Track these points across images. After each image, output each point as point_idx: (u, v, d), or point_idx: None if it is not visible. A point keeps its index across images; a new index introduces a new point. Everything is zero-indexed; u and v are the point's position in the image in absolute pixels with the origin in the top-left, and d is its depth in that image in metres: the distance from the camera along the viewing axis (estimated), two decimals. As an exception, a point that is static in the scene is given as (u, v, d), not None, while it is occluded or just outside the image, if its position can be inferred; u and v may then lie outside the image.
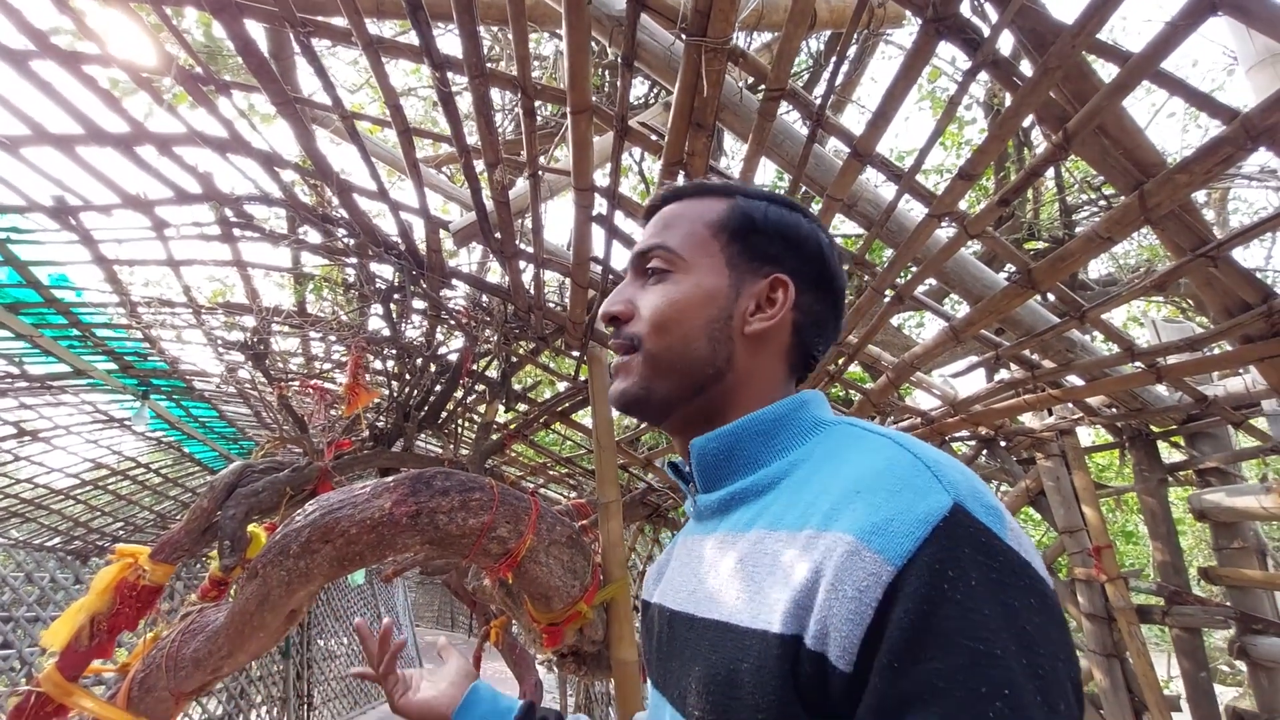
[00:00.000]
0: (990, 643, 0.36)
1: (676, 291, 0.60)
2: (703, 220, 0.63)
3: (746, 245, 0.62)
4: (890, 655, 0.38)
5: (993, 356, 1.89)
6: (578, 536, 2.17)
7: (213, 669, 2.06)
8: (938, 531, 0.40)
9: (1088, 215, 3.59)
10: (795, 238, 0.62)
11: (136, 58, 1.63)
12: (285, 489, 2.27)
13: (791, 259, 0.62)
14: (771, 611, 0.44)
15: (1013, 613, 0.38)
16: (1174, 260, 1.30)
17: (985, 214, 1.38)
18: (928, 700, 0.36)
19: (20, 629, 5.19)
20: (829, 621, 0.41)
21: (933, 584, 0.38)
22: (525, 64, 1.42)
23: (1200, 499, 2.23)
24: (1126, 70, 1.00)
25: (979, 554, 0.39)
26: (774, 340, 0.61)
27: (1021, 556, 0.41)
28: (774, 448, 0.57)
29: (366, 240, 2.20)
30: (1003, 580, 0.39)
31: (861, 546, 0.41)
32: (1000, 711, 0.34)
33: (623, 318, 0.63)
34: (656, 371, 0.60)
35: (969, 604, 0.37)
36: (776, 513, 0.51)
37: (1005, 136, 1.22)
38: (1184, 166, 1.10)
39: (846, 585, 0.40)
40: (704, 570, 0.56)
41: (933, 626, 0.37)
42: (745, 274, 0.61)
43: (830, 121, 1.36)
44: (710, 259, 0.61)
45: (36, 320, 2.62)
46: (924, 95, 4.09)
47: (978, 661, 0.36)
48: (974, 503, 0.42)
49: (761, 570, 0.48)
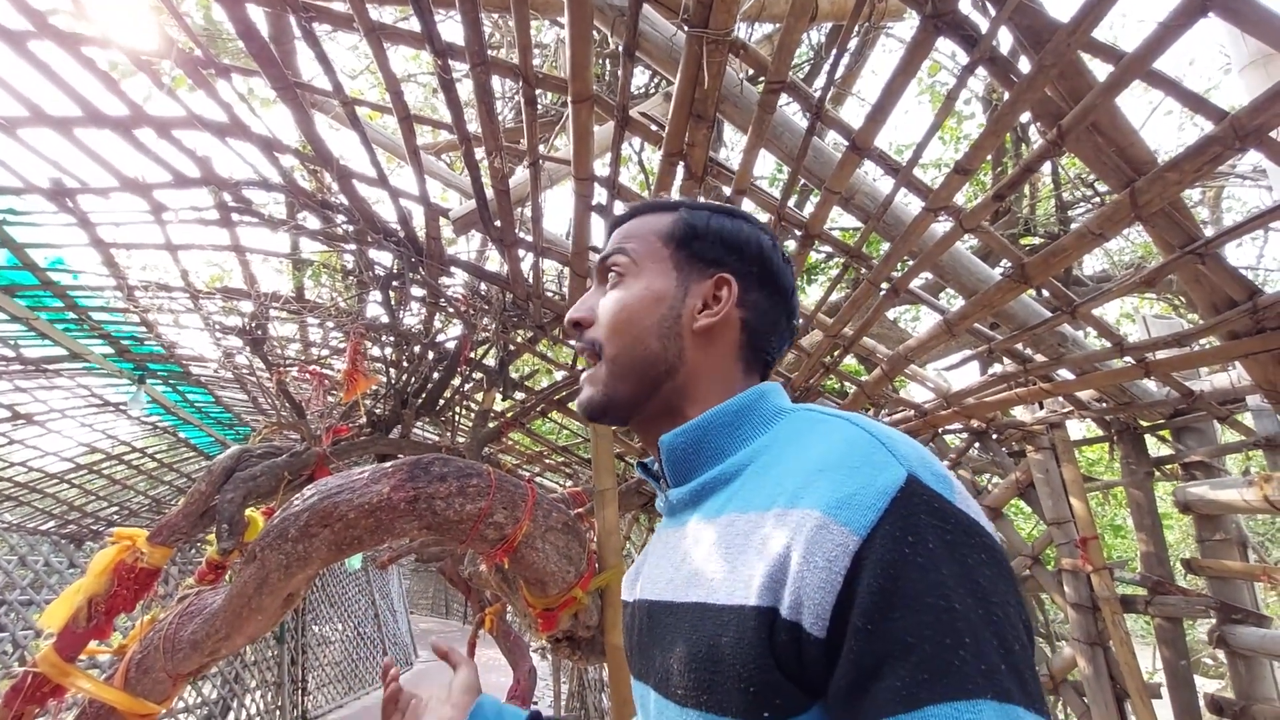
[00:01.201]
0: (949, 598, 0.40)
1: (628, 295, 0.65)
2: (653, 230, 0.68)
3: (691, 250, 0.67)
4: (862, 618, 0.41)
5: (985, 350, 1.91)
6: (574, 523, 2.20)
7: (210, 651, 2.07)
8: (896, 502, 0.43)
9: (1083, 212, 3.61)
10: (736, 241, 0.67)
11: (136, 40, 1.63)
12: (283, 474, 2.28)
13: (734, 260, 0.66)
14: (747, 587, 0.47)
15: (967, 569, 0.41)
16: (1164, 257, 1.32)
17: (980, 208, 1.40)
18: (899, 655, 0.39)
19: (14, 613, 5.20)
20: (802, 591, 0.44)
21: (895, 550, 0.42)
22: (527, 52, 1.42)
23: (1185, 492, 2.28)
24: (1120, 69, 1.02)
25: (934, 519, 0.43)
26: (723, 336, 0.65)
27: (970, 517, 0.45)
28: (739, 437, 0.60)
29: (366, 227, 2.20)
30: (956, 540, 0.42)
31: (829, 520, 0.44)
32: (964, 658, 0.38)
33: (584, 323, 0.68)
34: (616, 374, 0.64)
35: (929, 565, 0.41)
36: (745, 496, 0.54)
37: (1001, 132, 1.23)
38: (1174, 165, 1.12)
39: (817, 556, 0.43)
40: (679, 558, 0.58)
41: (899, 589, 0.41)
42: (691, 276, 0.66)
43: (829, 114, 1.37)
44: (659, 264, 0.66)
45: (32, 303, 2.61)
46: (923, 90, 4.09)
47: (939, 616, 0.39)
48: (925, 472, 0.46)
49: (735, 550, 0.51)
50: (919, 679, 0.38)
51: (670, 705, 0.52)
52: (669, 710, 0.52)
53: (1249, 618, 2.17)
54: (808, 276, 4.37)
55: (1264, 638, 2.12)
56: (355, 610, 9.32)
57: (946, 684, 0.38)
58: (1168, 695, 2.38)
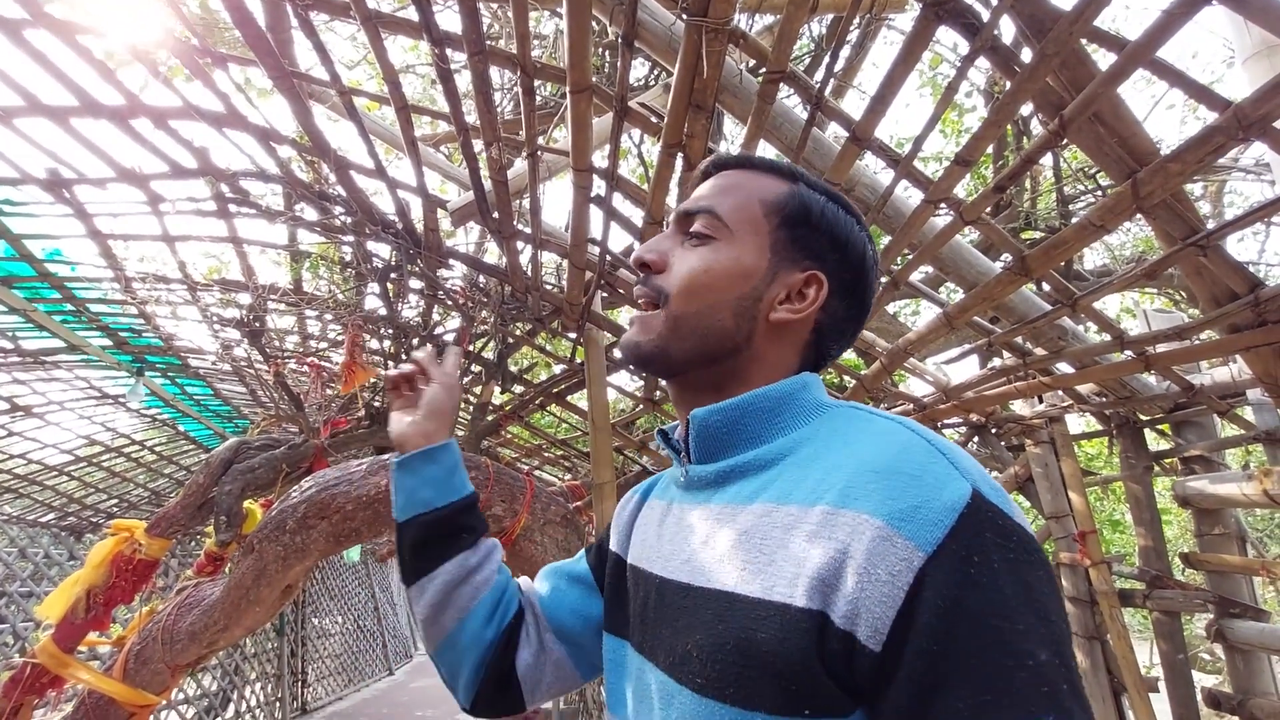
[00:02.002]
0: (1012, 619, 0.40)
1: (715, 260, 0.60)
2: (759, 196, 0.62)
3: (795, 235, 0.61)
4: (925, 639, 0.41)
5: (985, 343, 1.91)
6: (572, 517, 2.20)
7: (208, 642, 2.08)
8: (963, 518, 0.43)
9: (1085, 205, 3.60)
10: (844, 240, 0.62)
11: (131, 29, 1.62)
12: (281, 466, 2.28)
13: (834, 260, 0.62)
14: (791, 586, 0.46)
15: (1028, 588, 0.41)
16: (1166, 250, 1.32)
17: (981, 200, 1.39)
18: (961, 675, 0.39)
19: (14, 604, 5.21)
20: (860, 603, 0.43)
21: (962, 570, 0.41)
22: (525, 42, 1.41)
23: (1184, 486, 2.27)
24: (1123, 58, 1.01)
25: (998, 537, 0.43)
26: (794, 333, 0.62)
27: (1027, 532, 0.45)
28: (777, 425, 0.58)
29: (364, 218, 2.19)
30: (1018, 559, 0.42)
31: (893, 533, 0.43)
32: (1025, 679, 0.38)
33: (655, 267, 0.63)
34: (676, 333, 0.61)
35: (992, 586, 0.41)
36: (783, 488, 0.52)
37: (1002, 122, 1.22)
38: (1176, 156, 1.12)
39: (879, 569, 0.43)
40: (698, 540, 0.57)
41: (963, 609, 0.40)
42: (785, 261, 0.61)
43: (829, 105, 1.36)
44: (756, 237, 0.61)
45: (30, 294, 2.60)
46: (925, 82, 4.07)
47: (1002, 637, 0.39)
48: (986, 486, 0.45)
49: (772, 543, 0.49)
50: (981, 700, 0.38)
51: (684, 692, 0.50)
52: (682, 697, 0.50)
53: (1247, 612, 2.17)
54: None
55: (1262, 632, 2.13)
56: (355, 603, 9.35)
57: (1009, 704, 0.38)
58: (1165, 689, 2.39)
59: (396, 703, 8.02)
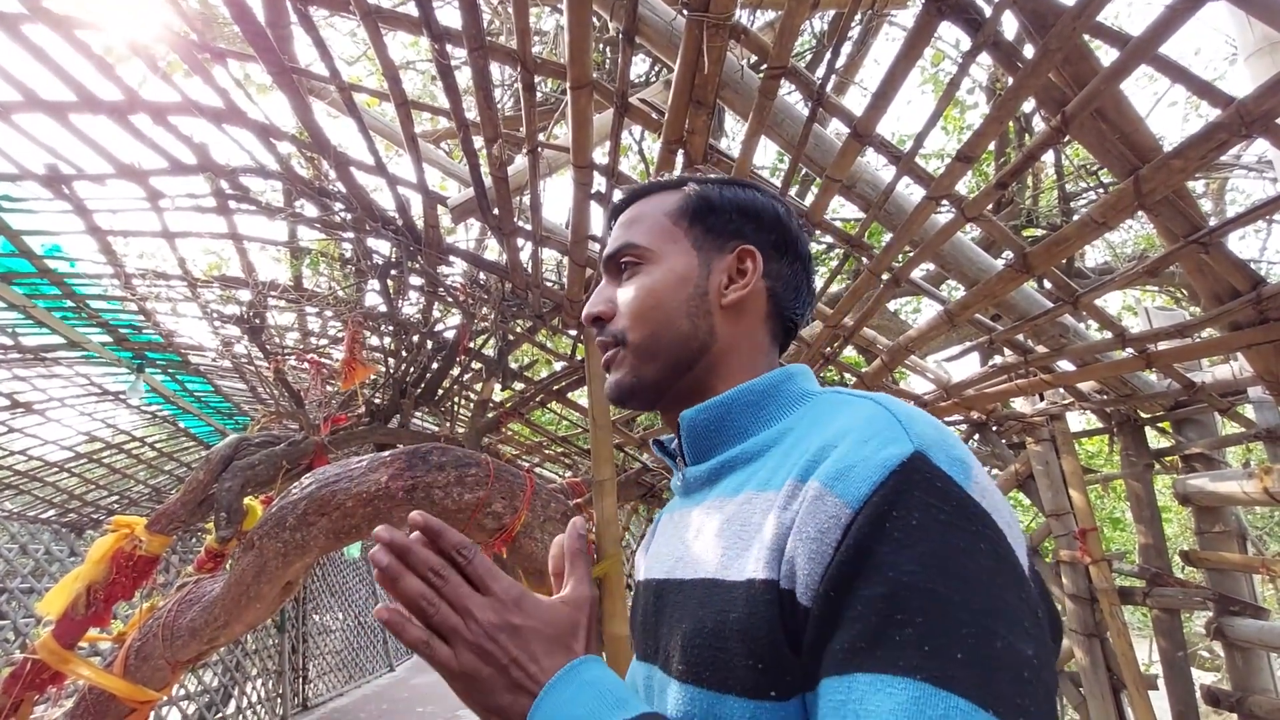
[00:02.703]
0: (915, 575, 0.38)
1: (649, 280, 0.63)
2: (662, 211, 0.66)
3: (707, 225, 0.64)
4: (828, 584, 0.41)
5: (987, 341, 1.90)
6: (572, 513, 2.20)
7: (209, 639, 2.08)
8: (893, 474, 0.42)
9: (1086, 203, 3.59)
10: (752, 210, 0.65)
11: (130, 23, 1.61)
12: (281, 463, 2.28)
13: (752, 230, 0.65)
14: (757, 561, 0.46)
15: (950, 551, 0.39)
16: (1168, 247, 1.31)
17: (983, 197, 1.38)
18: (847, 621, 0.39)
19: (15, 601, 5.22)
20: (795, 562, 0.43)
21: (875, 521, 0.40)
22: (525, 37, 1.41)
23: (1185, 484, 2.27)
24: (1126, 53, 1.01)
25: (929, 496, 0.41)
26: (752, 308, 0.64)
27: (979, 505, 0.42)
28: (763, 418, 0.59)
29: (364, 215, 2.19)
30: (950, 522, 0.40)
31: (825, 491, 0.43)
32: (907, 635, 0.36)
33: (605, 316, 0.66)
34: (643, 358, 0.63)
35: (905, 540, 0.39)
36: (764, 476, 0.52)
37: (1004, 118, 1.22)
38: (1179, 152, 1.11)
39: (809, 527, 0.43)
40: (690, 536, 0.57)
41: (867, 558, 0.39)
42: (712, 251, 0.64)
43: (831, 101, 1.36)
44: (676, 244, 0.64)
45: (30, 291, 2.60)
46: (926, 79, 4.06)
47: (896, 590, 0.38)
48: (938, 453, 0.43)
49: (750, 528, 0.50)
50: (857, 646, 0.38)
51: (671, 682, 0.50)
52: (668, 687, 0.51)
53: (1247, 610, 2.17)
54: (808, 268, 4.32)
55: (1261, 630, 2.13)
56: (356, 599, 9.36)
57: (881, 656, 0.36)
58: (1164, 687, 2.39)
59: (397, 699, 8.03)
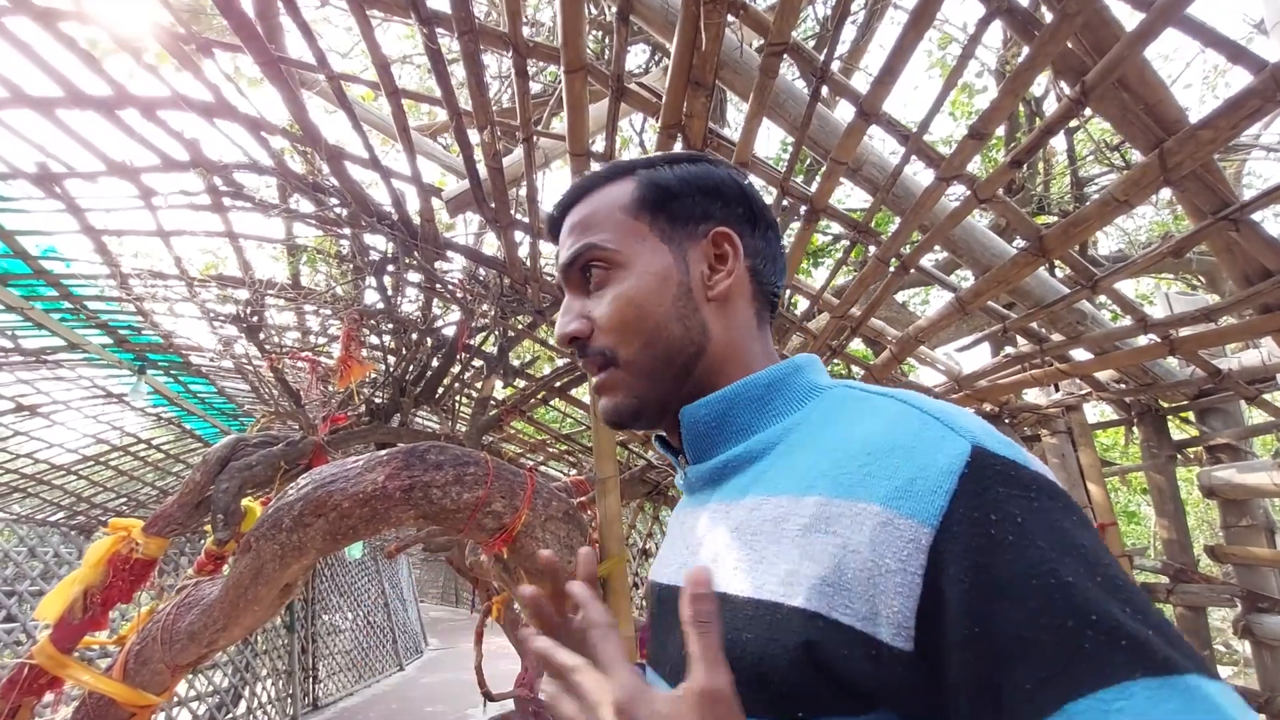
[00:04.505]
0: (1058, 573, 0.34)
1: (626, 287, 0.56)
2: (617, 207, 0.59)
3: (671, 213, 0.58)
4: (963, 624, 0.35)
5: (1000, 329, 1.84)
6: (574, 512, 2.15)
7: (208, 642, 2.05)
8: (965, 479, 0.37)
9: (1099, 189, 3.50)
10: (712, 186, 0.59)
11: (115, 15, 1.57)
12: (279, 463, 2.25)
13: (719, 209, 0.59)
14: (785, 585, 0.42)
15: (1065, 534, 0.36)
16: (1194, 225, 1.24)
17: (996, 176, 1.32)
18: (1018, 654, 0.33)
19: (24, 603, 5.24)
20: (877, 599, 0.38)
21: (979, 533, 0.36)
22: (516, 18, 1.36)
23: (1210, 475, 2.19)
24: (1151, 15, 0.94)
25: (1013, 488, 0.37)
26: (738, 294, 0.59)
27: (1050, 480, 0.39)
28: (768, 413, 0.54)
29: (359, 210, 2.14)
30: (1044, 506, 0.37)
31: (892, 515, 0.38)
32: (1093, 638, 0.32)
33: (583, 335, 0.59)
34: (641, 376, 0.57)
35: (1021, 541, 0.35)
36: (773, 478, 0.48)
37: (1019, 90, 1.15)
38: (1208, 122, 1.04)
39: (887, 558, 0.38)
40: (696, 542, 0.54)
41: (994, 578, 0.35)
42: (684, 241, 0.58)
43: (835, 78, 1.29)
44: (643, 241, 0.57)
45: (27, 292, 2.58)
46: (933, 63, 3.97)
47: (1052, 596, 0.33)
48: (991, 440, 0.40)
49: (762, 539, 0.45)
50: (1050, 676, 0.32)
51: None
52: None
53: (1276, 607, 2.10)
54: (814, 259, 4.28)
55: (1290, 626, 2.05)
56: (365, 599, 9.38)
57: (1084, 673, 0.31)
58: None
59: (407, 698, 8.03)
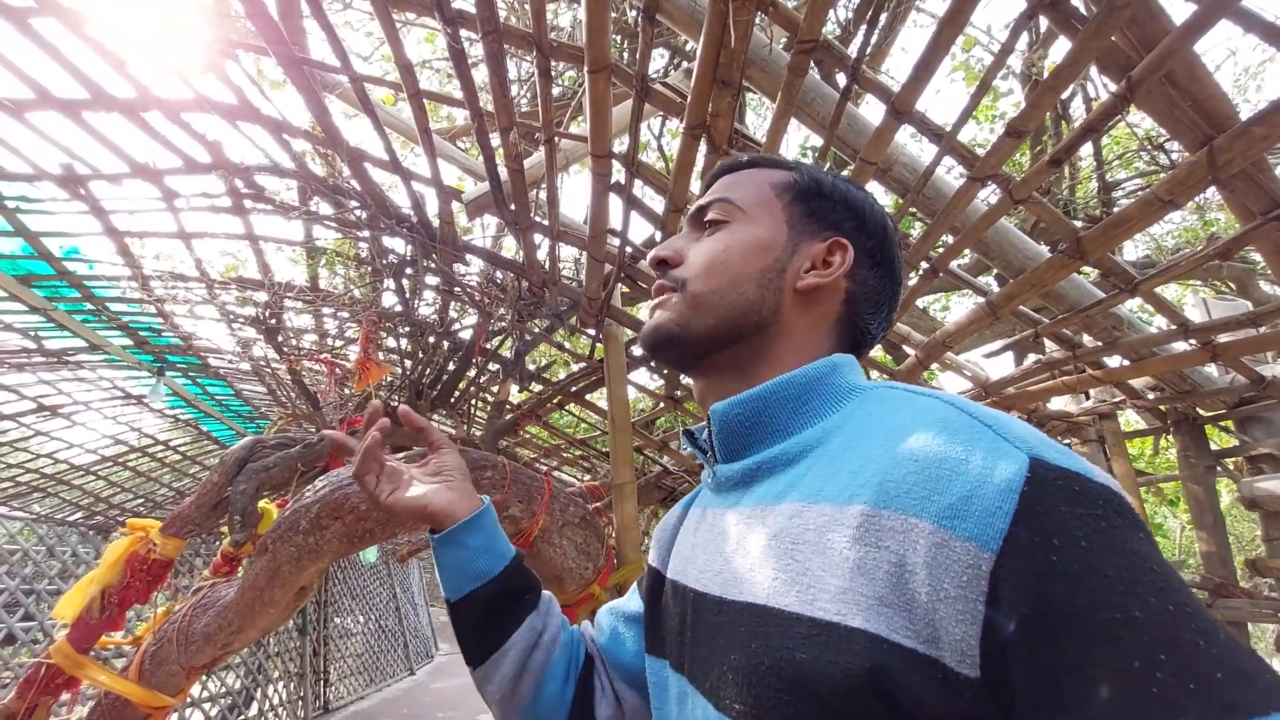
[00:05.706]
0: (1128, 605, 0.31)
1: (731, 238, 0.59)
2: (768, 181, 0.62)
3: (809, 208, 0.60)
4: (1032, 657, 0.33)
5: (1030, 335, 1.79)
6: (591, 518, 2.12)
7: (223, 644, 2.04)
8: (1026, 498, 0.35)
9: (1126, 194, 3.43)
10: (859, 208, 0.61)
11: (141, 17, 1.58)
12: (296, 465, 2.24)
13: (853, 228, 0.60)
14: (839, 603, 0.39)
15: (1134, 557, 0.33)
16: (1242, 225, 1.20)
17: (1033, 176, 1.28)
18: (1091, 695, 0.31)
19: (42, 602, 5.29)
20: (938, 624, 0.36)
21: (1043, 559, 0.33)
22: (540, 18, 1.34)
23: (1252, 486, 2.12)
24: (1203, 7, 0.90)
25: (1078, 507, 0.34)
26: (824, 303, 0.58)
27: (1116, 492, 0.36)
28: (805, 414, 0.53)
29: (378, 212, 2.14)
30: (1110, 526, 0.34)
31: (947, 535, 0.36)
32: (1170, 671, 0.30)
33: (671, 262, 0.61)
34: (698, 310, 0.57)
35: (1089, 568, 0.32)
36: (812, 483, 0.46)
37: (1061, 87, 1.12)
38: (1262, 118, 1.00)
39: (945, 583, 0.36)
40: (730, 548, 0.52)
41: (1064, 609, 0.32)
42: (804, 234, 0.59)
43: (866, 76, 1.26)
44: (771, 214, 0.60)
45: (50, 293, 2.60)
46: (957, 65, 3.92)
47: (1120, 633, 0.31)
48: (1048, 451, 0.37)
49: (805, 549, 0.43)
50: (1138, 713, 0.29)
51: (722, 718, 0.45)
52: None
53: (1317, 624, 2.02)
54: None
55: (1335, 645, 1.97)
56: (377, 603, 9.38)
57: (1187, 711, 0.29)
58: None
59: (418, 703, 8.01)
